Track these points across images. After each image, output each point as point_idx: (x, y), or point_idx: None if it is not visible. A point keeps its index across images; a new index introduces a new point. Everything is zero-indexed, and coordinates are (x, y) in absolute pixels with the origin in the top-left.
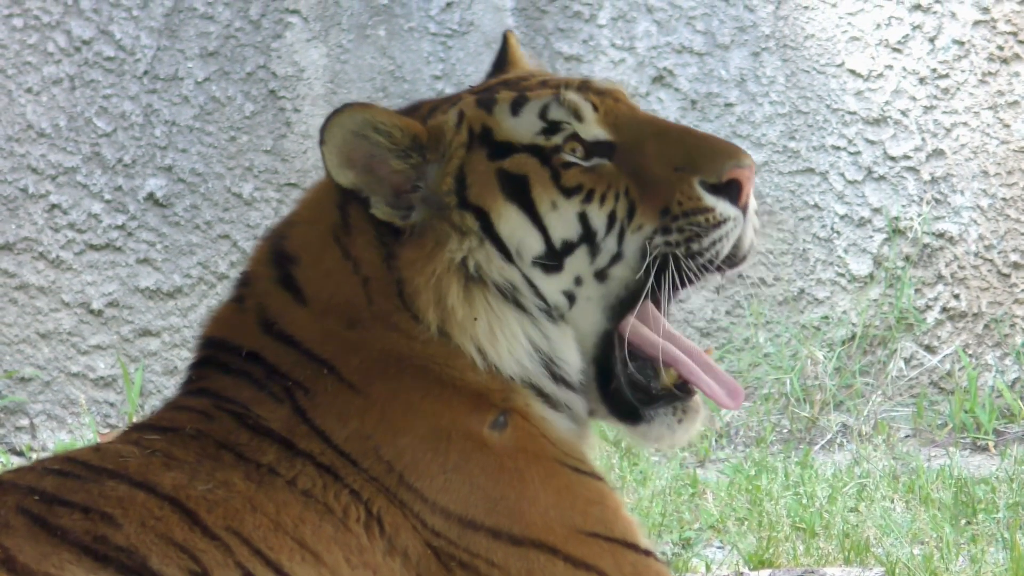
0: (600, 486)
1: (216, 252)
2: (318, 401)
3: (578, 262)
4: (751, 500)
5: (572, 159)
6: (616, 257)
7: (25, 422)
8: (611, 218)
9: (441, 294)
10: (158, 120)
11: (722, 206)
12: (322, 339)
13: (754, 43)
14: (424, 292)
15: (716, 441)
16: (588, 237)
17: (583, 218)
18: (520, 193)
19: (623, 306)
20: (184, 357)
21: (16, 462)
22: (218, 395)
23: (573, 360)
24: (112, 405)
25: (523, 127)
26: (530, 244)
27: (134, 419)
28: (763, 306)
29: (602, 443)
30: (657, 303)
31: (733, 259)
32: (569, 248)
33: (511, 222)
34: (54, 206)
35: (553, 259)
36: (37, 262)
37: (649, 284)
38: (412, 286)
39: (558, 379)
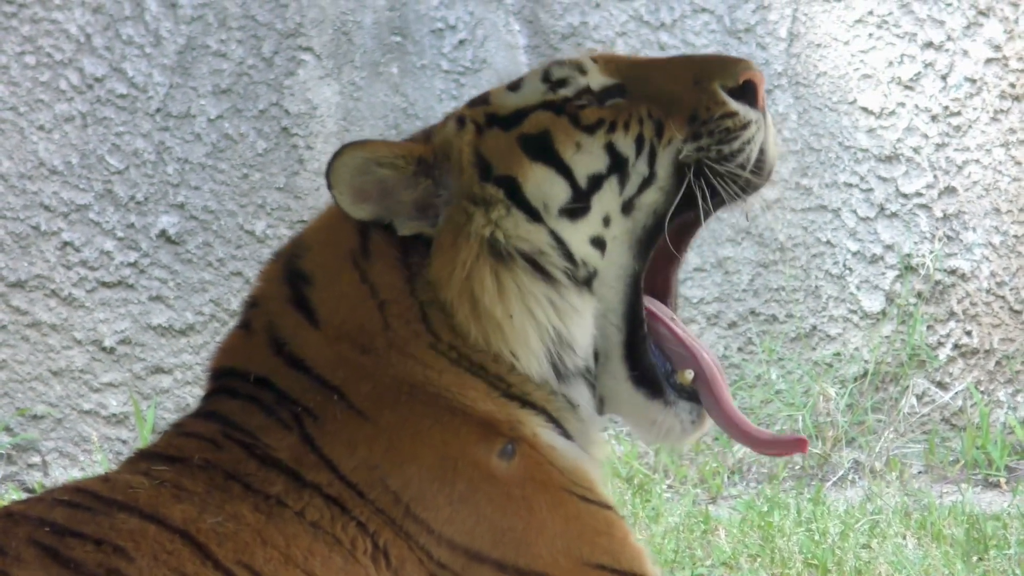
0: (608, 515)
1: (228, 289)
2: (327, 428)
3: (606, 197)
4: (763, 537)
5: (587, 102)
6: (647, 181)
7: (37, 459)
8: (639, 140)
9: (474, 292)
10: (170, 157)
11: (744, 109)
12: (334, 364)
13: (767, 80)
14: (458, 293)
15: (728, 478)
16: (618, 165)
17: (610, 148)
18: (544, 149)
19: (650, 237)
20: (196, 394)
21: None
22: (227, 420)
23: (584, 340)
24: (124, 442)
25: (529, 93)
26: (556, 193)
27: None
28: (775, 343)
29: (615, 479)
30: (687, 234)
31: (760, 168)
32: (597, 183)
33: (537, 178)
34: (66, 243)
35: (580, 200)
36: (49, 299)
37: (677, 199)
38: (445, 292)
39: (564, 374)
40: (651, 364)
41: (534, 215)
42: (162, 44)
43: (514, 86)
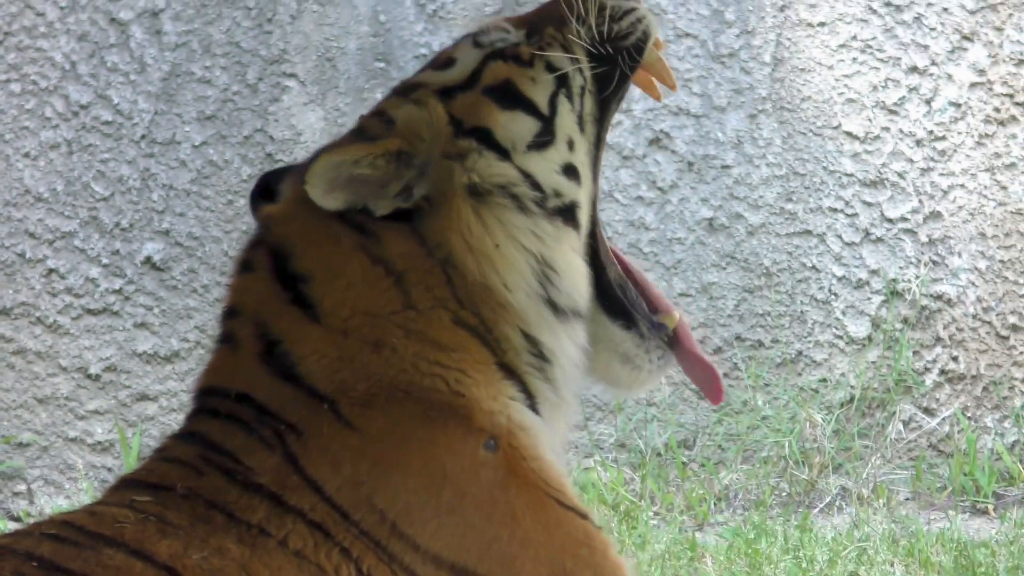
0: (585, 525)
1: (213, 316)
2: (311, 445)
3: (565, 119)
4: (750, 564)
5: (520, 43)
6: (582, 88)
7: (23, 487)
8: (565, 50)
9: (463, 234)
10: (156, 184)
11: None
12: (332, 366)
13: (751, 105)
14: (455, 240)
15: (715, 504)
16: (561, 81)
17: (550, 67)
18: (508, 92)
19: (598, 151)
20: (181, 422)
21: (14, 528)
22: (207, 442)
23: (572, 273)
24: (110, 470)
25: (470, 59)
26: (524, 129)
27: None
28: (761, 368)
29: (600, 506)
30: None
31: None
32: (554, 106)
33: (505, 120)
34: (51, 270)
35: (547, 132)
36: (34, 327)
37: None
38: (446, 243)
39: (559, 308)
40: (620, 293)
41: (504, 154)
42: (147, 71)
43: (446, 63)
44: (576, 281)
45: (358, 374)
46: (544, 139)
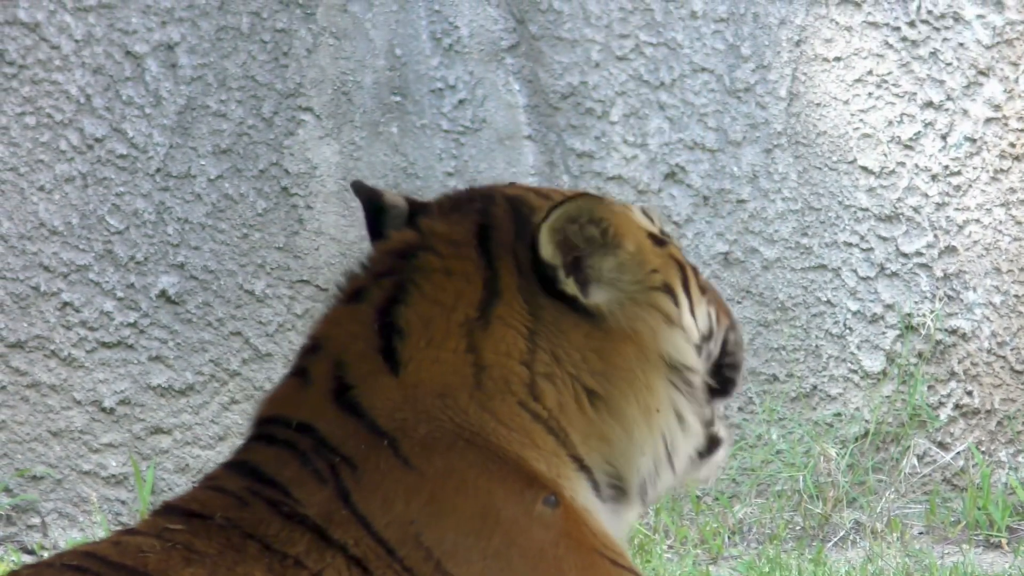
0: None
1: (228, 349)
2: (365, 481)
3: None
4: None
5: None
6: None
7: (36, 520)
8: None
9: (644, 399)
10: (171, 217)
11: None
12: (397, 406)
13: (766, 140)
14: (621, 385)
15: (729, 538)
16: (706, 334)
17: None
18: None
19: None
20: (196, 455)
21: (27, 560)
22: (257, 473)
23: (692, 447)
24: (124, 503)
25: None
26: (697, 326)
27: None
28: (776, 402)
29: None
30: None
31: None
32: (706, 338)
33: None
34: (66, 304)
35: (706, 339)
36: (49, 360)
37: None
38: (596, 379)
39: (645, 496)
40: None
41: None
42: (162, 104)
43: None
44: (690, 451)
45: (420, 416)
46: (701, 344)
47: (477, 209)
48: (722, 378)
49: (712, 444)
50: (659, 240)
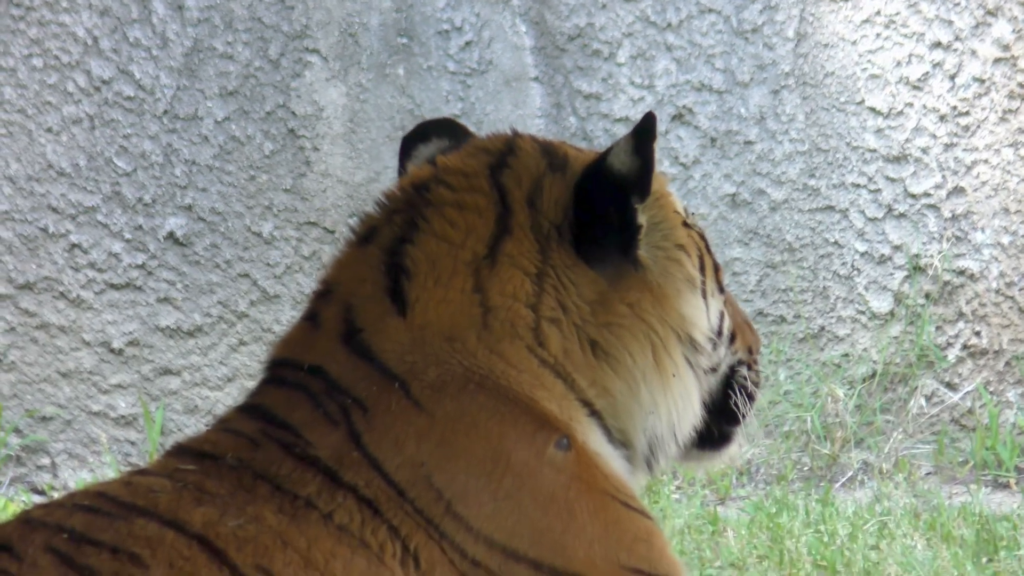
0: (648, 524)
1: (236, 291)
2: (376, 423)
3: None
4: (772, 538)
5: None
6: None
7: (46, 461)
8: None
9: (660, 357)
10: (178, 159)
11: None
12: (407, 349)
13: (774, 81)
14: (629, 349)
15: (737, 479)
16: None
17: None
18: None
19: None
20: (204, 396)
21: (38, 501)
22: (270, 415)
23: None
24: (133, 444)
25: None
26: (708, 314)
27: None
28: (783, 344)
29: None
30: None
31: None
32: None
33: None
34: (74, 245)
35: (717, 334)
36: (58, 301)
37: None
38: (608, 330)
39: (651, 461)
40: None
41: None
42: (169, 46)
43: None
44: (694, 423)
45: (429, 359)
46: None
47: (499, 146)
48: (728, 414)
49: (722, 436)
50: (687, 224)
